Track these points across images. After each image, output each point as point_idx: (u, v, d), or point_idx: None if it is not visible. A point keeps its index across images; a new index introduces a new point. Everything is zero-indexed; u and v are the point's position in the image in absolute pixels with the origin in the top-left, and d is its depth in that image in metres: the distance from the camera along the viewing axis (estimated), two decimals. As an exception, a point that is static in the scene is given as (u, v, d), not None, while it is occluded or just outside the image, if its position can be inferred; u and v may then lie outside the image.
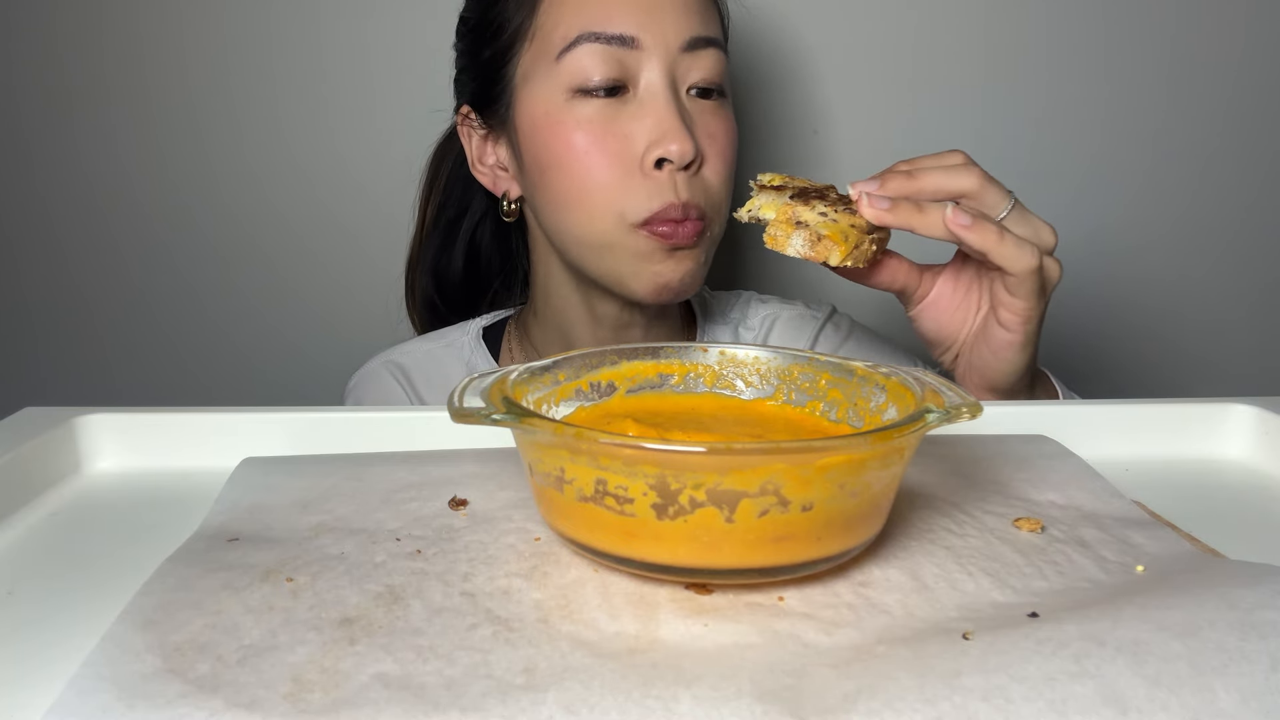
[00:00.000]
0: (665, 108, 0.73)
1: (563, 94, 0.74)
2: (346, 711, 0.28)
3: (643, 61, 0.74)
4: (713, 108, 0.77)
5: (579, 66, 0.73)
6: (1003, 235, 0.58)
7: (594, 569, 0.38)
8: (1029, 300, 0.60)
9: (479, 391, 0.39)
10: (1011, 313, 0.61)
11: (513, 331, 0.93)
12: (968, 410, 0.37)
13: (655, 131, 0.73)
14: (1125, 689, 0.29)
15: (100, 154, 1.15)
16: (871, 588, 0.36)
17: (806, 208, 0.59)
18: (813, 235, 0.58)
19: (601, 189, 0.74)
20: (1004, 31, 1.11)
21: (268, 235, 1.17)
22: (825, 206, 0.60)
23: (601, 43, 0.73)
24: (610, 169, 0.73)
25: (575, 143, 0.74)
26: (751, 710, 0.28)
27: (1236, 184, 1.16)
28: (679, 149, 0.72)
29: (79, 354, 1.22)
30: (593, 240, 0.76)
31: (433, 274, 0.95)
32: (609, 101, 0.74)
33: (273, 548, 0.40)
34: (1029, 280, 0.59)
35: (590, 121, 0.74)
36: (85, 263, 1.18)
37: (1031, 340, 0.62)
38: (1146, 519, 0.43)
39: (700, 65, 0.76)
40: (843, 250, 0.58)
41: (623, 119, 0.74)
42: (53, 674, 0.33)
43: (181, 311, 1.20)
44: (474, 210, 0.94)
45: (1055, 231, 0.62)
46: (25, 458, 0.50)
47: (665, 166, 0.73)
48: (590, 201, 0.74)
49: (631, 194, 0.73)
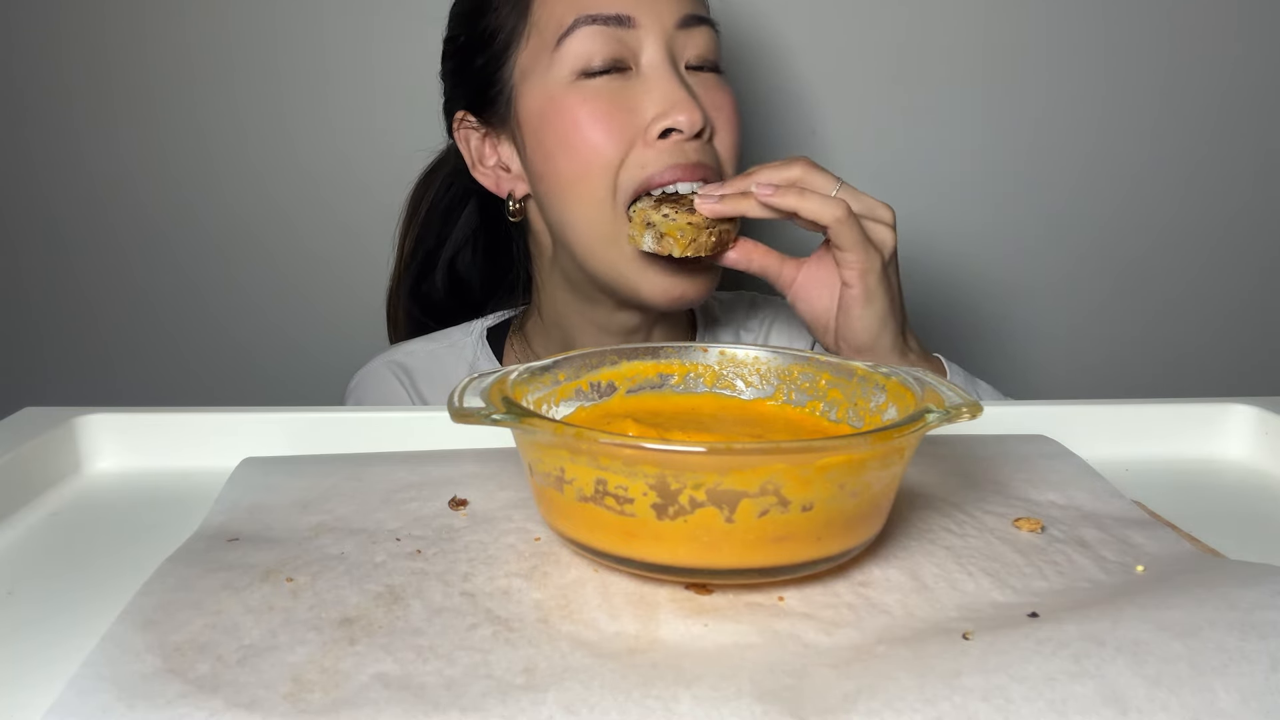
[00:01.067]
0: (670, 80, 0.74)
1: (566, 78, 0.74)
2: (346, 711, 0.28)
3: (641, 39, 0.74)
4: (715, 81, 0.78)
5: (579, 50, 0.74)
6: (804, 194, 0.66)
7: (594, 569, 0.38)
8: (855, 250, 0.67)
9: (479, 391, 0.39)
10: (847, 268, 0.67)
11: (515, 332, 0.92)
12: (968, 410, 0.37)
13: (663, 103, 0.73)
14: (1125, 689, 0.29)
15: (101, 153, 1.15)
16: (871, 588, 0.36)
17: (654, 210, 0.71)
18: (656, 233, 0.70)
19: (603, 168, 0.73)
20: (1003, 32, 1.11)
21: (270, 234, 1.17)
22: (670, 208, 0.71)
23: (599, 24, 0.73)
24: (614, 141, 0.73)
25: (580, 119, 0.74)
26: (751, 710, 0.28)
27: (1233, 184, 1.16)
28: (688, 118, 0.72)
29: (79, 353, 1.22)
30: (598, 231, 0.75)
31: (414, 299, 0.95)
32: (612, 78, 0.74)
33: (273, 548, 0.40)
34: (844, 230, 0.66)
35: (596, 98, 0.74)
36: (86, 262, 1.18)
37: (874, 295, 0.68)
38: (1146, 519, 0.43)
39: (696, 42, 0.76)
40: (680, 244, 0.69)
41: (628, 95, 0.74)
42: (53, 674, 0.33)
43: (183, 310, 1.20)
44: (454, 240, 0.93)
45: (890, 208, 0.70)
46: (25, 458, 0.50)
47: (672, 135, 0.73)
48: (594, 182, 0.74)
49: (633, 161, 0.73)
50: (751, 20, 1.08)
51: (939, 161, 1.15)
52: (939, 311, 1.18)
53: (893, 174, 1.15)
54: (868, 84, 1.14)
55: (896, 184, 1.15)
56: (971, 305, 1.19)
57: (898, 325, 0.70)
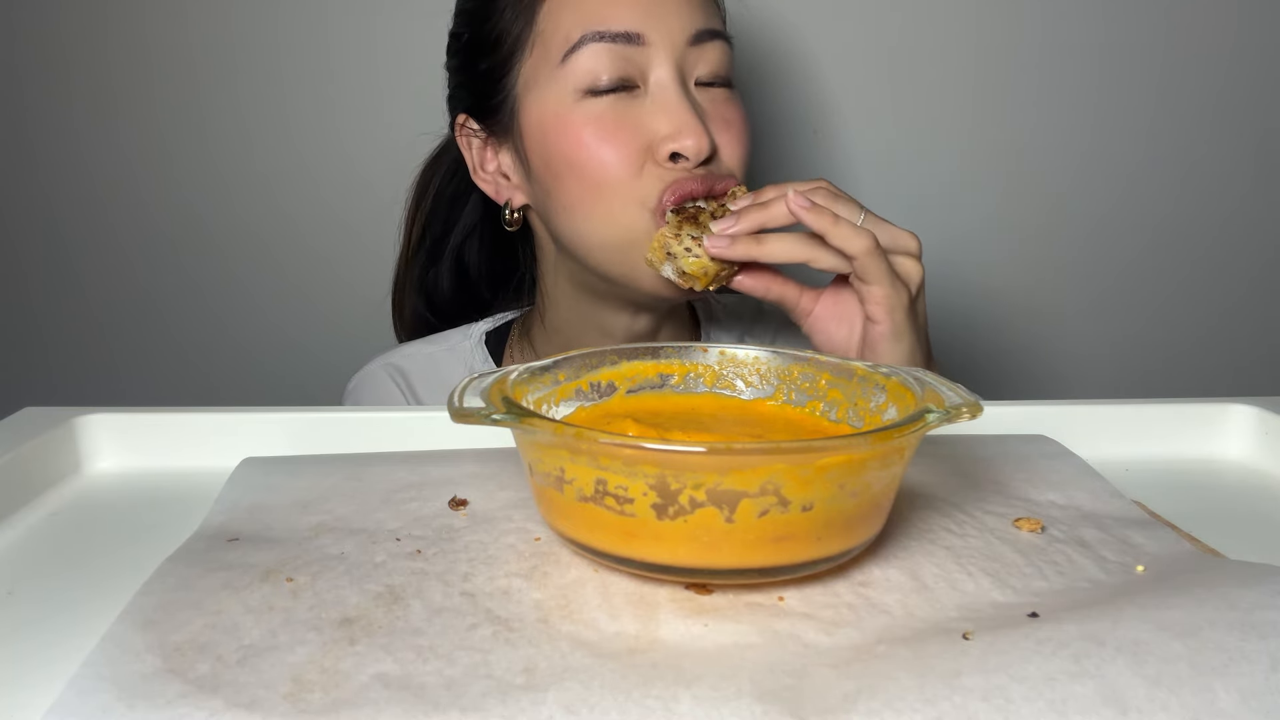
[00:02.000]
0: (678, 102, 0.72)
1: (571, 96, 0.73)
2: (346, 711, 0.28)
3: (650, 57, 0.72)
4: (724, 96, 0.76)
5: (586, 68, 0.72)
6: (837, 220, 0.63)
7: (594, 569, 0.38)
8: (882, 285, 0.64)
9: (479, 391, 0.39)
10: (873, 303, 0.65)
11: (516, 336, 0.91)
12: (968, 410, 0.37)
13: (669, 126, 0.72)
14: (1125, 689, 0.29)
15: (101, 152, 1.14)
16: (871, 588, 0.36)
17: (676, 239, 0.68)
18: (676, 268, 0.68)
19: (617, 183, 0.72)
20: (1003, 31, 1.11)
21: (270, 233, 1.17)
22: (691, 234, 0.68)
23: (606, 41, 0.72)
24: (623, 163, 0.72)
25: (586, 140, 0.72)
26: (751, 710, 0.28)
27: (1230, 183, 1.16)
28: (694, 144, 0.71)
29: (80, 353, 1.22)
30: (616, 240, 0.74)
31: (420, 292, 0.94)
32: (619, 98, 0.73)
33: (273, 548, 0.40)
34: (871, 262, 0.63)
35: (601, 118, 0.72)
36: (86, 262, 1.18)
37: (901, 332, 0.65)
38: (1146, 519, 0.43)
39: (707, 58, 0.75)
40: (702, 281, 0.68)
41: (634, 114, 0.73)
42: (53, 674, 0.33)
43: (183, 310, 1.20)
44: (461, 226, 0.92)
45: (917, 238, 0.67)
46: (25, 458, 0.50)
47: (680, 161, 0.72)
48: (608, 198, 0.73)
49: (646, 181, 0.72)
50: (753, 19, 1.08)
51: (937, 159, 1.15)
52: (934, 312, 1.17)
53: (890, 172, 1.15)
54: (869, 84, 1.14)
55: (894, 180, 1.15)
56: (969, 305, 1.19)
57: (924, 359, 0.68)
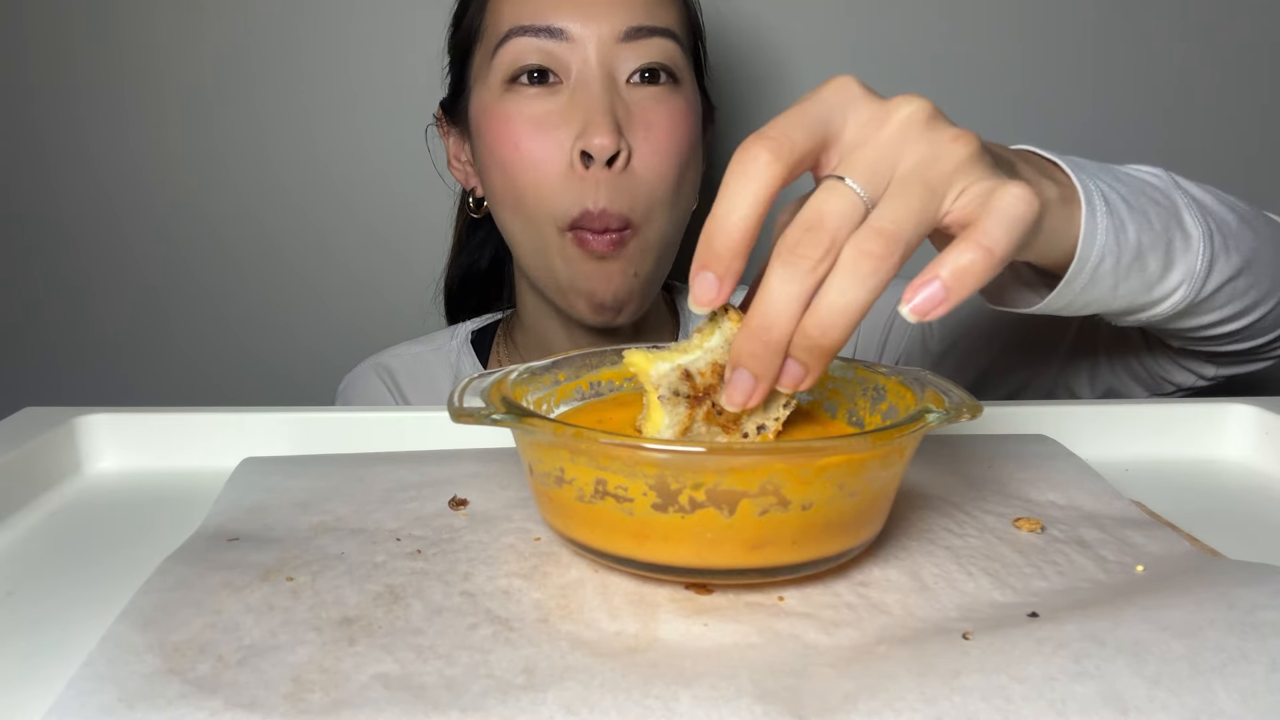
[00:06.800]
0: (591, 98, 0.71)
1: (499, 87, 0.74)
2: (346, 711, 0.28)
3: (574, 53, 0.72)
4: (656, 94, 0.73)
5: (509, 59, 0.73)
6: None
7: (594, 569, 0.38)
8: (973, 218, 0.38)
9: (479, 391, 0.39)
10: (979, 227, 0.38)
11: (501, 336, 0.92)
12: (968, 410, 0.37)
13: (580, 123, 0.71)
14: (1125, 689, 0.29)
15: (103, 152, 1.14)
16: (871, 588, 0.36)
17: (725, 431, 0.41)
18: None
19: (534, 188, 0.72)
20: (1002, 32, 1.11)
21: (271, 233, 1.17)
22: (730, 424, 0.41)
23: (530, 35, 0.72)
24: (540, 167, 0.72)
25: (509, 136, 0.73)
26: (751, 710, 0.28)
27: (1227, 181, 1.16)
28: (600, 142, 0.69)
29: (80, 353, 1.22)
30: (533, 243, 0.75)
31: (465, 284, 0.96)
32: (541, 92, 0.72)
33: (273, 548, 0.40)
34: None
35: (521, 114, 0.72)
36: (86, 261, 1.18)
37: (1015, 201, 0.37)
38: (1146, 519, 0.43)
39: (640, 53, 0.72)
40: None
41: (554, 111, 0.72)
42: (53, 674, 0.33)
43: (183, 310, 1.20)
44: None
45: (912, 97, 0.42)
46: (25, 458, 0.50)
47: (590, 163, 0.70)
48: (525, 201, 0.73)
49: (561, 194, 0.71)
50: (748, 20, 1.08)
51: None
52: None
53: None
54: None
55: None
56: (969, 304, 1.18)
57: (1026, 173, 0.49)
